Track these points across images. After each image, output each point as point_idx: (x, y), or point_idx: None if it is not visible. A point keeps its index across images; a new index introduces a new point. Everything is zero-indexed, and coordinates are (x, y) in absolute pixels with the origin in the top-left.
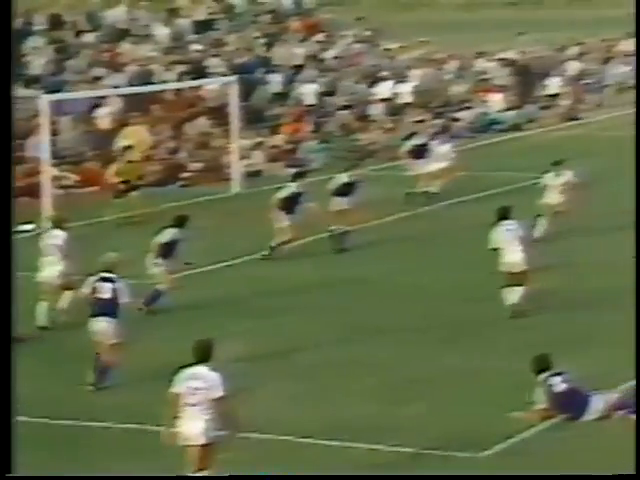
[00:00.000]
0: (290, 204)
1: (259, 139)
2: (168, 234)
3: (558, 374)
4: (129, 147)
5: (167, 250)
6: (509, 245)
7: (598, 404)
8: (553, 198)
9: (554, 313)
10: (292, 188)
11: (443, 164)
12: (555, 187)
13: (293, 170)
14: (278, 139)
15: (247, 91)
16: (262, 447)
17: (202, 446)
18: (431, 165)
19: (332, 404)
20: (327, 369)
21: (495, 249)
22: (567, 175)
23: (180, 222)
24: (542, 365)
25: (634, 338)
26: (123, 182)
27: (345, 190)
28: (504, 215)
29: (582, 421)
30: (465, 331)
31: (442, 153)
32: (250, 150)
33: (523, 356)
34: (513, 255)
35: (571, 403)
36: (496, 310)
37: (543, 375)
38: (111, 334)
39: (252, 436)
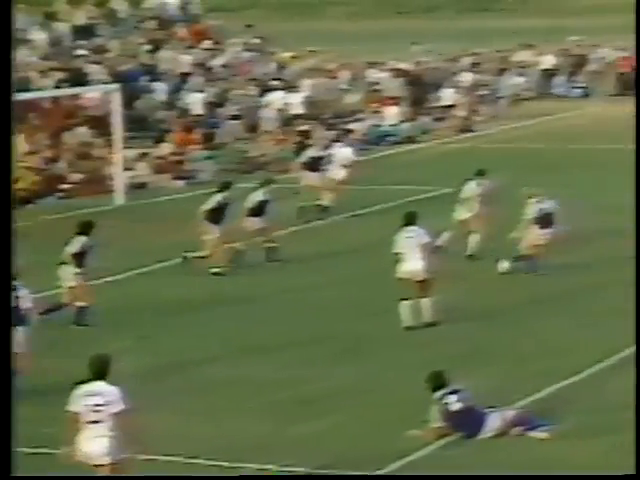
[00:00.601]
0: (217, 215)
1: (144, 150)
2: (77, 242)
3: (454, 392)
4: (31, 153)
5: (81, 259)
6: (410, 252)
7: (495, 422)
8: (470, 209)
9: (453, 326)
10: (218, 198)
11: (338, 176)
12: (473, 198)
13: (180, 182)
14: (164, 150)
15: (131, 100)
16: (150, 467)
17: (107, 465)
18: (326, 177)
19: (224, 423)
20: (219, 387)
21: (397, 254)
22: (484, 186)
23: (86, 229)
24: (437, 382)
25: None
26: (20, 190)
27: (261, 208)
28: (409, 221)
29: (478, 439)
30: (361, 347)
31: (336, 168)
32: (134, 161)
33: (420, 372)
34: (413, 263)
35: (467, 422)
36: (391, 325)
37: (439, 393)
38: (17, 343)
39: (139, 456)
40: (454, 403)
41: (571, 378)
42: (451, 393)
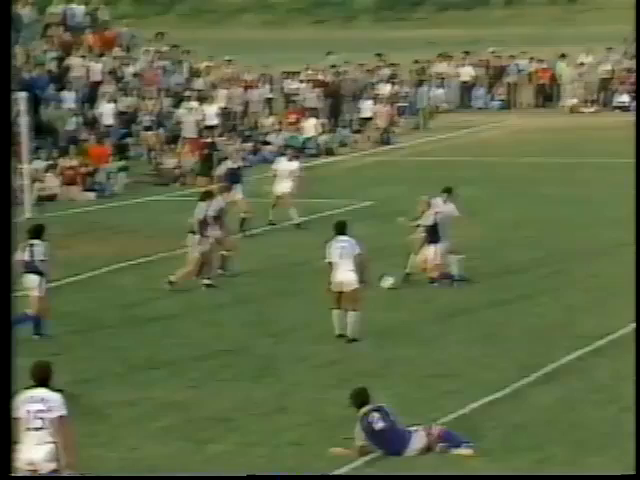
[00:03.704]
0: (205, 225)
1: (52, 161)
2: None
3: (377, 410)
4: None
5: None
6: (341, 262)
7: (420, 440)
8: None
9: (362, 342)
10: (203, 209)
11: (285, 189)
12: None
13: (91, 194)
14: (74, 161)
15: (38, 109)
16: None
17: (50, 472)
18: (278, 188)
19: (128, 443)
20: (123, 407)
21: (330, 264)
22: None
23: (38, 233)
24: (360, 399)
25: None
26: None
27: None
28: (340, 230)
29: (403, 456)
30: (273, 365)
31: (283, 181)
32: (43, 172)
33: (334, 390)
34: (343, 274)
35: (392, 439)
36: (301, 342)
37: (362, 410)
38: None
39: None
40: (377, 421)
41: (494, 394)
42: (374, 410)
